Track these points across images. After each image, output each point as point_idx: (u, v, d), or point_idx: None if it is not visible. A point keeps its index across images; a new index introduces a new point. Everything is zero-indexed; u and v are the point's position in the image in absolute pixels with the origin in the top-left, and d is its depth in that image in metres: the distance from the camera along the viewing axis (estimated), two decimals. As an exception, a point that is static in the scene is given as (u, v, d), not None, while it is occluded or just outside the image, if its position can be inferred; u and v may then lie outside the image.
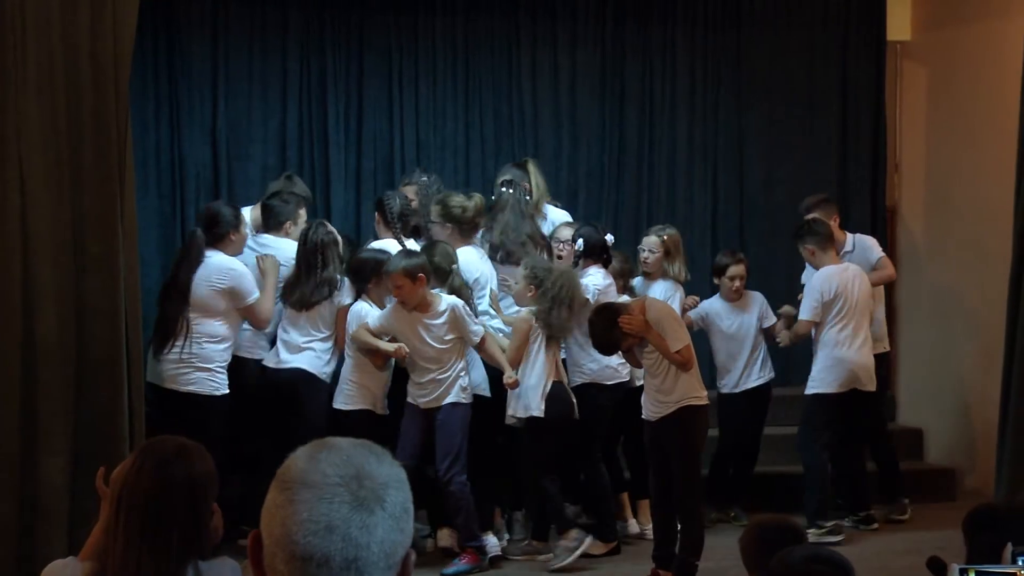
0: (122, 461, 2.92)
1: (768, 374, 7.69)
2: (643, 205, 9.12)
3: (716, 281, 7.72)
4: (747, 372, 7.64)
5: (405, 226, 7.10)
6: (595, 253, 7.00)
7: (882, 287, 7.83)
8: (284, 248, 6.92)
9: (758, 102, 9.25)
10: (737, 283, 7.61)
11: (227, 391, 6.46)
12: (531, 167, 7.48)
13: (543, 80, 8.95)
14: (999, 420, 7.41)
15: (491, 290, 6.95)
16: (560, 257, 7.10)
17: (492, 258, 7.08)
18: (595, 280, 6.91)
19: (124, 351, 5.73)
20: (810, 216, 7.64)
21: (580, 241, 7.02)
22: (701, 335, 7.61)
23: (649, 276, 7.46)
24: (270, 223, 7.07)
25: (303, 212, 7.09)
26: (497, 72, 8.89)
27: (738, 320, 7.66)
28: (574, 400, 6.73)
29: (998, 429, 7.43)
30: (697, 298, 7.72)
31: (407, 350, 6.51)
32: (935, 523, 7.47)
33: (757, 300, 7.74)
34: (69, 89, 5.66)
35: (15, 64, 5.57)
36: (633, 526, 7.26)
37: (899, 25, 9.27)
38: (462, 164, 8.76)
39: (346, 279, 6.79)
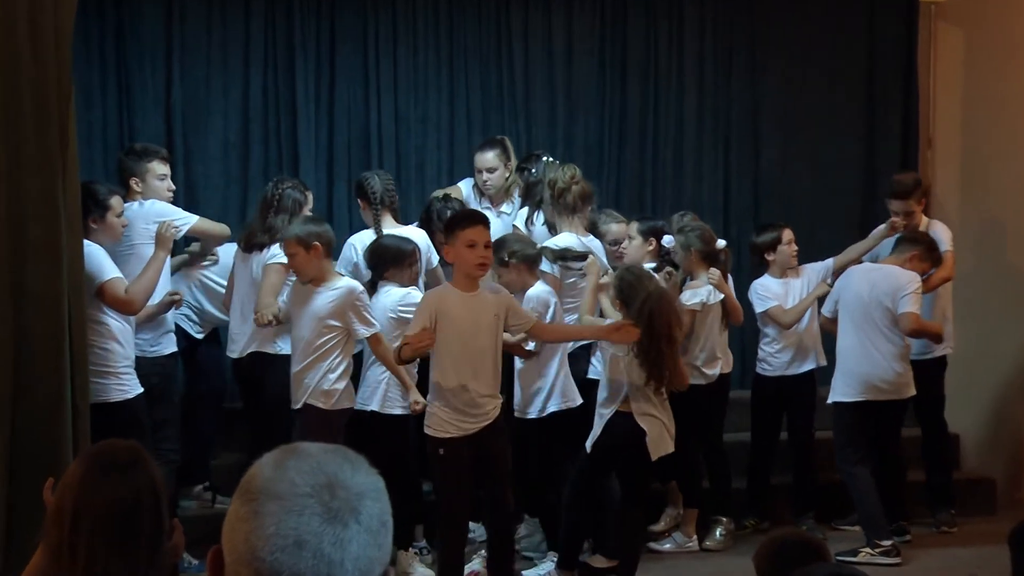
0: (66, 467, 2.92)
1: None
2: (647, 185, 9.13)
3: (769, 257, 7.85)
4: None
5: (392, 208, 7.14)
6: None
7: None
8: (130, 213, 6.73)
9: (775, 70, 9.25)
10: (794, 246, 7.83)
11: (139, 391, 6.38)
12: (509, 144, 7.76)
13: (536, 46, 8.93)
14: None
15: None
16: (619, 259, 7.20)
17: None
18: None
19: (67, 345, 5.71)
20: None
21: (669, 239, 7.10)
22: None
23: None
24: (119, 183, 6.96)
25: (157, 166, 6.96)
26: (485, 37, 8.86)
27: (796, 295, 7.84)
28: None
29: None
30: None
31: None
32: (973, 538, 7.51)
33: (810, 273, 7.98)
34: (4, 57, 5.63)
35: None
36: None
37: (933, -18, 9.30)
38: (445, 139, 8.75)
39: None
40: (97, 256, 6.30)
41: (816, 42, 9.28)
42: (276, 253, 6.73)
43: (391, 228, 7.07)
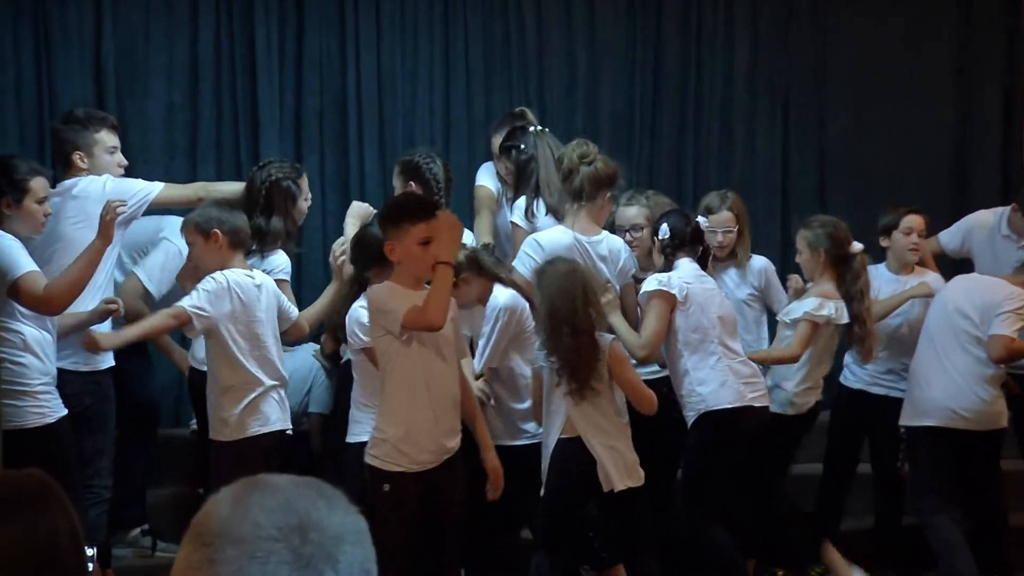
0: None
1: None
2: (687, 159, 9.15)
3: (884, 244, 7.85)
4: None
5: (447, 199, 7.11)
6: (686, 243, 7.10)
7: None
8: (80, 192, 6.77)
9: (844, 20, 9.27)
10: (915, 238, 7.78)
11: (62, 413, 6.33)
12: (531, 117, 7.62)
13: (551, -11, 8.97)
14: None
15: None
16: (634, 248, 7.23)
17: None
18: (683, 274, 6.96)
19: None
20: None
21: (664, 228, 7.09)
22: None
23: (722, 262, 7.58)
24: (55, 158, 6.97)
25: (106, 136, 6.98)
26: (487, -22, 8.90)
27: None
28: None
29: None
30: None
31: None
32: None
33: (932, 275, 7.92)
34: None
35: None
36: None
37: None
38: (440, 102, 8.74)
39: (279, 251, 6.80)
40: (9, 249, 6.25)
41: (895, -14, 9.31)
42: (276, 266, 6.74)
43: None
